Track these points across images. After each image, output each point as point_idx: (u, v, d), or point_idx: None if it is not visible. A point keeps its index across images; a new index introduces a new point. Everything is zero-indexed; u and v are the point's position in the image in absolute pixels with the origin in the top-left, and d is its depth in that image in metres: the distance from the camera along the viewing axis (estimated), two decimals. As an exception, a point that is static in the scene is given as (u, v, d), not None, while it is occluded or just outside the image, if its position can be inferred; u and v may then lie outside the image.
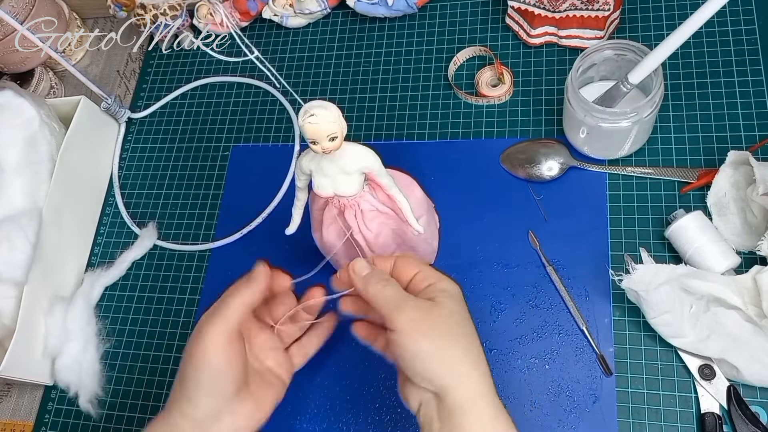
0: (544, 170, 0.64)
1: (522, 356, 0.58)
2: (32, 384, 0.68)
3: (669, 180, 0.62)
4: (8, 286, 0.64)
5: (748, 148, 0.61)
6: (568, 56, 0.70)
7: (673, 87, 0.65)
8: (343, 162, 0.49)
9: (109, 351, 0.68)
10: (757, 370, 0.52)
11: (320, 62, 0.78)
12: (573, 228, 0.62)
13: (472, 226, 0.64)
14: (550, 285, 0.60)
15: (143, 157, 0.78)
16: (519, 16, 0.70)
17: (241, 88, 0.79)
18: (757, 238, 0.55)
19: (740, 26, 0.66)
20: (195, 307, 0.68)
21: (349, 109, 0.74)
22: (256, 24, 0.82)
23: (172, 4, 0.77)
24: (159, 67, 0.83)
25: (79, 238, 0.74)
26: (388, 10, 0.75)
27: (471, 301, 0.61)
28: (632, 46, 0.58)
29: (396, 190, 0.53)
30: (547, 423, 0.56)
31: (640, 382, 0.56)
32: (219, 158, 0.75)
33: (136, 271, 0.72)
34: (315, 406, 0.61)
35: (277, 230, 0.58)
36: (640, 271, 0.53)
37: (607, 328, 0.58)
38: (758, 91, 0.63)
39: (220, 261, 0.69)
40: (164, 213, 0.74)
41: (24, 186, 0.68)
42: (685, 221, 0.56)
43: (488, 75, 0.71)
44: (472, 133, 0.69)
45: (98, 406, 0.65)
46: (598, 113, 0.57)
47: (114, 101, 0.77)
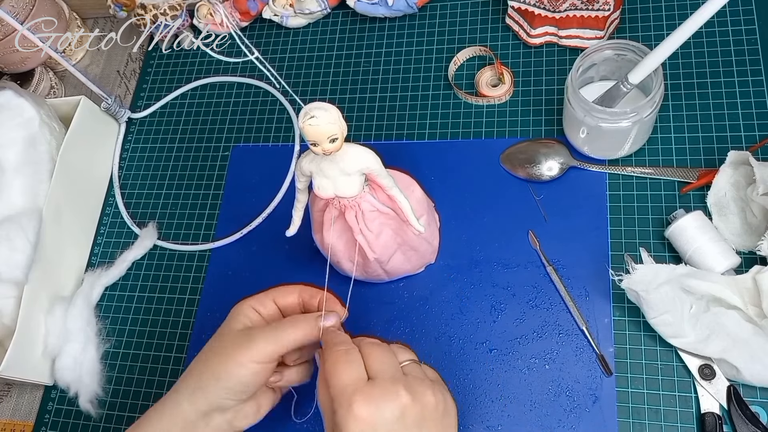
0: (544, 170, 0.64)
1: (522, 356, 0.58)
2: (32, 384, 0.68)
3: (669, 180, 0.62)
4: (8, 286, 0.64)
5: (748, 148, 0.61)
6: (568, 56, 0.70)
7: (673, 87, 0.65)
8: (344, 163, 0.49)
9: (109, 351, 0.68)
10: (757, 370, 0.52)
11: (320, 62, 0.78)
12: (573, 228, 0.62)
13: (472, 226, 0.64)
14: (550, 285, 0.60)
15: (143, 157, 0.78)
16: (519, 16, 0.70)
17: (241, 88, 0.79)
18: (757, 238, 0.55)
19: (740, 26, 0.66)
20: (195, 307, 0.68)
21: (349, 109, 0.74)
22: (256, 24, 0.82)
23: (172, 4, 0.77)
24: (159, 67, 0.83)
25: (79, 238, 0.74)
26: (388, 10, 0.75)
27: (471, 301, 0.61)
28: (632, 46, 0.58)
29: (396, 190, 0.53)
30: (547, 423, 0.56)
31: (640, 382, 0.56)
32: (219, 158, 0.75)
33: (136, 271, 0.72)
34: (315, 406, 0.60)
35: (278, 230, 0.58)
36: (640, 271, 0.53)
37: (607, 328, 0.58)
38: (758, 91, 0.63)
39: (220, 261, 0.69)
40: (164, 213, 0.74)
41: (24, 186, 0.68)
42: (685, 221, 0.56)
43: (488, 75, 0.71)
44: (472, 133, 0.69)
45: (98, 406, 0.65)
46: (598, 113, 0.57)
47: (114, 101, 0.77)
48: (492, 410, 0.57)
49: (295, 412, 0.58)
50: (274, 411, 0.55)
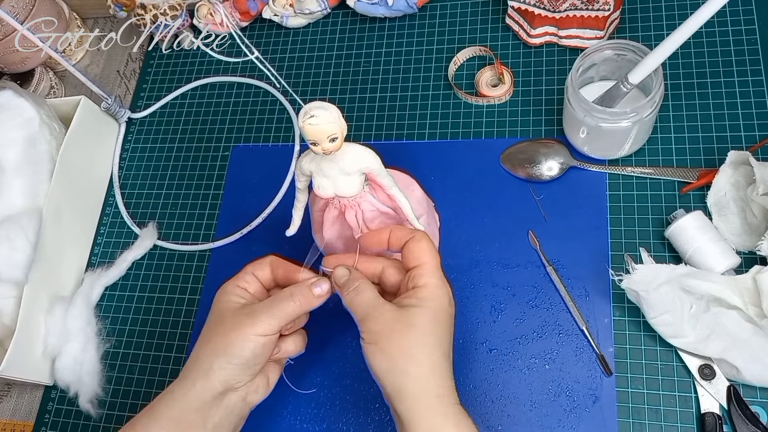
0: (544, 170, 0.64)
1: (522, 356, 0.58)
2: (32, 384, 0.68)
3: (669, 180, 0.62)
4: (8, 286, 0.64)
5: (748, 148, 0.61)
6: (568, 56, 0.70)
7: (673, 87, 0.65)
8: (344, 163, 0.49)
9: (109, 351, 0.68)
10: (757, 370, 0.52)
11: (320, 62, 0.78)
12: (573, 228, 0.62)
13: (472, 226, 0.64)
14: (550, 285, 0.60)
15: (143, 157, 0.78)
16: (519, 16, 0.70)
17: (241, 88, 0.79)
18: (757, 238, 0.55)
19: (740, 26, 0.66)
20: (195, 307, 0.68)
21: (349, 109, 0.74)
22: (256, 24, 0.82)
23: (172, 4, 0.77)
24: (159, 67, 0.83)
25: (79, 238, 0.74)
26: (388, 10, 0.75)
27: (471, 301, 0.61)
28: (632, 46, 0.58)
29: (396, 189, 0.53)
30: (547, 423, 0.56)
31: (640, 382, 0.56)
32: (219, 158, 0.75)
33: (136, 271, 0.72)
34: (315, 406, 0.61)
35: (278, 230, 0.58)
36: (640, 271, 0.53)
37: (607, 328, 0.58)
38: (758, 91, 0.63)
39: (220, 261, 0.69)
40: (164, 213, 0.74)
41: (24, 186, 0.68)
42: (685, 221, 0.56)
43: (488, 75, 0.71)
44: (472, 133, 0.69)
45: (98, 406, 0.65)
46: (598, 113, 0.57)
47: (114, 101, 0.77)
48: (492, 410, 0.57)
49: (294, 384, 0.59)
50: (277, 411, 0.55)
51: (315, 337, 0.58)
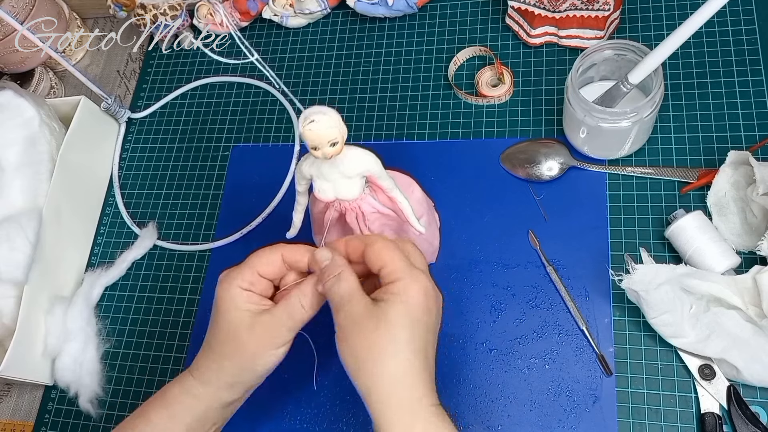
0: (544, 170, 0.64)
1: (522, 356, 0.58)
2: (32, 384, 0.68)
3: (669, 180, 0.62)
4: (8, 286, 0.64)
5: (748, 148, 0.61)
6: (568, 56, 0.70)
7: (673, 87, 0.65)
8: (344, 166, 0.49)
9: (109, 351, 0.68)
10: (757, 370, 0.52)
11: (320, 62, 0.78)
12: (573, 228, 0.62)
13: (472, 226, 0.64)
14: (550, 285, 0.60)
15: (143, 157, 0.78)
16: (519, 16, 0.70)
17: (241, 88, 0.79)
18: (757, 238, 0.55)
19: (740, 26, 0.66)
20: (195, 307, 0.68)
21: (349, 110, 0.74)
22: (256, 24, 0.82)
23: (172, 4, 0.77)
24: (159, 67, 0.83)
25: (79, 238, 0.74)
26: (388, 10, 0.75)
27: (471, 301, 0.61)
28: (632, 46, 0.58)
29: (397, 191, 0.53)
30: (547, 423, 0.56)
31: (640, 382, 0.56)
32: (219, 158, 0.75)
33: (136, 271, 0.72)
34: (315, 405, 0.61)
35: (278, 230, 0.58)
36: (640, 271, 0.53)
37: (607, 328, 0.58)
38: (758, 91, 0.63)
39: (220, 261, 0.69)
40: (164, 213, 0.74)
41: (24, 186, 0.68)
42: (685, 221, 0.56)
43: (488, 75, 0.71)
44: (472, 133, 0.69)
45: (98, 406, 0.65)
46: (598, 113, 0.57)
47: (114, 101, 0.77)
48: (492, 410, 0.57)
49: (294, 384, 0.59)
50: (278, 412, 0.55)
51: (315, 337, 0.58)
